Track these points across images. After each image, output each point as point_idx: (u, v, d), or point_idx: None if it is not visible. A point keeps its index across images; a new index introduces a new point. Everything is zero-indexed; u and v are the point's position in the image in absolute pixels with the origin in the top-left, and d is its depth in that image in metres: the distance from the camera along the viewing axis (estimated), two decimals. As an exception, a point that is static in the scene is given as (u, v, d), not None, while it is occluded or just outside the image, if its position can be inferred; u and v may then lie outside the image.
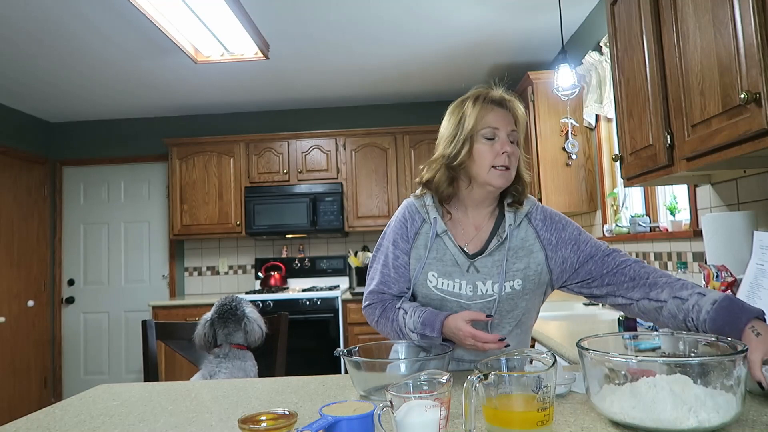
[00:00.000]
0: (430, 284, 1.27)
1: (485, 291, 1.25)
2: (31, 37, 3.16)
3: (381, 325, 1.32)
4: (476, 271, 1.26)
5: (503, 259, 1.25)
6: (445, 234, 1.28)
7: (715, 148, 1.34)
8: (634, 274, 1.20)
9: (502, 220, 1.30)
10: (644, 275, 1.19)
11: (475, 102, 1.25)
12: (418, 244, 1.30)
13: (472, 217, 1.32)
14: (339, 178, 4.50)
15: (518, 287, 1.24)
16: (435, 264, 1.27)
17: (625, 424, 0.84)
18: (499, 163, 1.23)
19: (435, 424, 0.76)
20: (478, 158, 1.23)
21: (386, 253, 1.33)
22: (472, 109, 1.24)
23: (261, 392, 1.22)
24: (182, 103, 4.63)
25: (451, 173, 1.27)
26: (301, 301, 4.01)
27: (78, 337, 4.86)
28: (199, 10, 2.72)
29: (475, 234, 1.30)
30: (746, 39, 1.17)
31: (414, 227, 1.31)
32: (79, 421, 1.06)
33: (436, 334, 1.19)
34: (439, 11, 3.07)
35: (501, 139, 1.24)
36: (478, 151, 1.23)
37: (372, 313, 1.34)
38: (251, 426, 0.75)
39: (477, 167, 1.24)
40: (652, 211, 2.64)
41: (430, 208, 1.30)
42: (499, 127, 1.24)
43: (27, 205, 4.63)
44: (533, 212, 1.31)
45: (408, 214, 1.33)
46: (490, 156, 1.23)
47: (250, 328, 1.89)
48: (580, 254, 1.25)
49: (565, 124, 3.29)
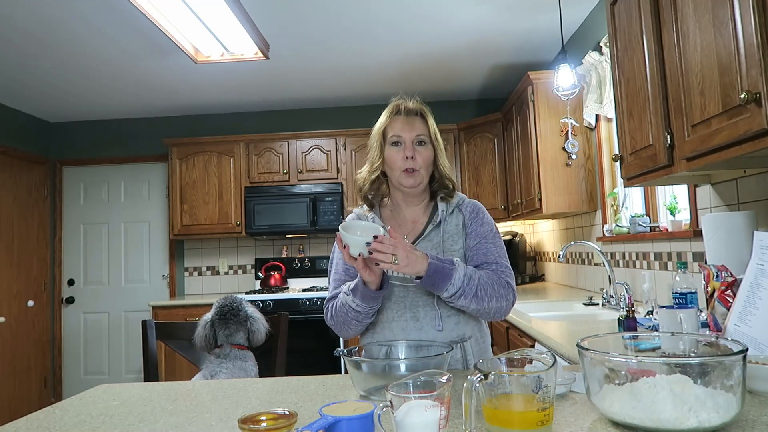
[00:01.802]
0: None
1: None
2: (31, 37, 3.16)
3: (335, 317, 1.38)
4: None
5: (440, 241, 1.40)
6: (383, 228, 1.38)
7: (715, 148, 1.34)
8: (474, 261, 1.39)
9: (437, 210, 1.45)
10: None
11: (388, 113, 1.45)
12: None
13: (407, 213, 1.48)
14: (339, 178, 4.50)
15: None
16: None
17: (625, 424, 0.84)
18: (405, 166, 1.38)
19: (435, 424, 0.76)
20: (390, 162, 1.41)
21: (336, 262, 1.47)
22: (385, 119, 1.44)
23: (261, 392, 1.22)
24: (182, 103, 4.63)
25: (375, 176, 1.45)
26: (301, 301, 4.01)
27: (78, 337, 4.86)
28: (199, 10, 2.72)
29: (412, 227, 1.46)
30: (746, 39, 1.17)
31: None
32: (79, 421, 1.06)
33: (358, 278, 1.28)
34: (439, 11, 3.08)
35: (406, 144, 1.39)
36: (389, 156, 1.41)
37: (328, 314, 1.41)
38: (251, 426, 0.75)
39: (390, 170, 1.43)
40: (652, 211, 2.64)
41: (368, 212, 1.47)
42: (402, 135, 1.40)
43: (27, 205, 4.63)
44: (464, 203, 1.47)
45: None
46: (398, 160, 1.39)
47: (256, 327, 1.89)
48: (475, 248, 1.40)
49: (565, 124, 3.29)
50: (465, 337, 1.38)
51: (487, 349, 1.46)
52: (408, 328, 1.35)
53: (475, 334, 1.41)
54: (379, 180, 1.47)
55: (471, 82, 4.40)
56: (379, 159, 1.43)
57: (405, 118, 1.42)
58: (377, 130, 1.45)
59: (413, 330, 1.35)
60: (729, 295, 1.33)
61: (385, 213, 1.50)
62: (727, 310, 1.30)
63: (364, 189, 1.47)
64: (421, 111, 1.45)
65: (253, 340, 1.89)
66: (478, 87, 4.55)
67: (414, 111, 1.44)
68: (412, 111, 1.44)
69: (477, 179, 4.36)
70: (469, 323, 1.40)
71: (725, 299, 1.34)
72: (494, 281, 1.33)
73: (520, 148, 3.73)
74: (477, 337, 1.42)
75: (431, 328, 1.35)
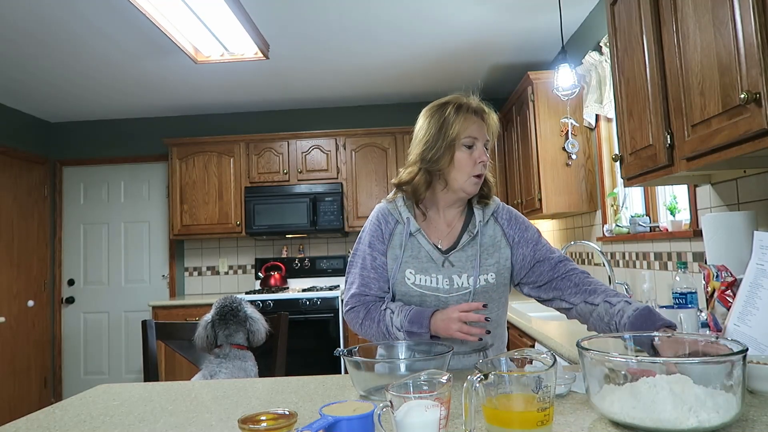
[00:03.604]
0: (408, 281, 1.33)
1: (461, 284, 1.32)
2: (31, 37, 3.16)
3: (366, 327, 1.34)
4: (451, 266, 1.33)
5: (476, 254, 1.33)
6: (418, 232, 1.34)
7: (715, 148, 1.34)
8: (578, 281, 1.32)
9: (472, 216, 1.38)
10: (587, 283, 1.31)
11: (458, 110, 1.31)
12: (393, 245, 1.36)
13: (443, 216, 1.39)
14: (339, 178, 4.50)
15: (492, 281, 1.33)
16: (411, 262, 1.34)
17: (625, 424, 0.84)
18: (476, 171, 1.31)
19: (435, 424, 0.76)
20: (459, 165, 1.30)
21: (363, 256, 1.38)
22: (456, 117, 1.30)
23: (261, 392, 1.22)
24: (182, 103, 4.63)
25: (429, 177, 1.33)
26: (301, 301, 4.01)
27: (78, 337, 4.86)
28: (199, 10, 2.72)
29: (447, 231, 1.37)
30: (746, 39, 1.17)
31: (388, 229, 1.37)
32: (79, 421, 1.06)
33: (424, 329, 1.23)
34: (439, 11, 3.08)
35: (479, 148, 1.31)
36: (459, 159, 1.30)
37: (356, 316, 1.36)
38: (251, 426, 0.75)
39: (456, 173, 1.31)
40: (652, 211, 2.64)
41: (403, 209, 1.37)
42: (478, 137, 1.31)
43: (27, 205, 4.63)
44: (499, 211, 1.40)
45: (381, 216, 1.39)
46: (469, 164, 1.30)
47: (256, 328, 1.89)
48: (536, 254, 1.36)
49: (565, 124, 3.29)
50: (487, 345, 1.37)
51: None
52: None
53: (496, 342, 1.41)
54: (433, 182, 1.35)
55: (471, 82, 4.38)
56: (449, 162, 1.29)
57: (479, 119, 1.32)
58: (444, 128, 1.29)
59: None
60: (729, 295, 1.34)
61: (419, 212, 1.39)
62: (727, 310, 1.30)
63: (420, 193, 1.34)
64: (486, 110, 1.35)
65: (252, 340, 1.90)
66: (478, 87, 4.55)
67: (482, 110, 1.34)
68: (481, 110, 1.34)
69: (477, 179, 4.35)
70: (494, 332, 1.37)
71: (725, 299, 1.34)
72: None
73: (520, 148, 3.73)
74: (498, 344, 1.42)
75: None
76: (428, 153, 1.31)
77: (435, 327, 1.23)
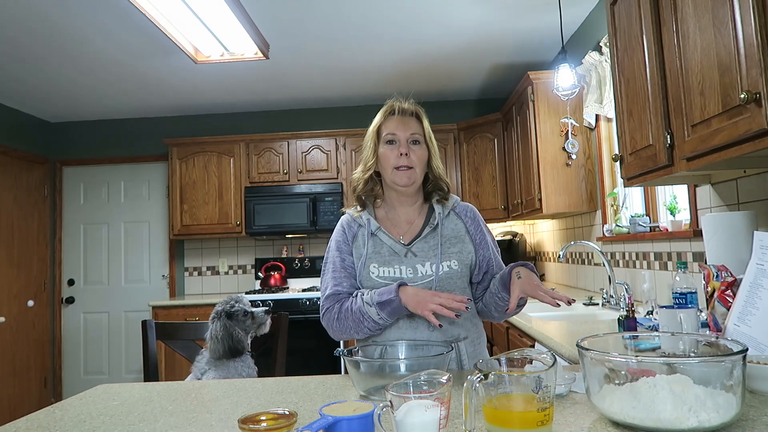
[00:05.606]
0: (373, 275, 1.39)
1: (425, 272, 1.38)
2: (31, 37, 3.16)
3: (342, 320, 1.36)
4: (414, 255, 1.39)
5: (438, 243, 1.40)
6: (379, 230, 1.42)
7: (715, 148, 1.34)
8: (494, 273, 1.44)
9: (432, 212, 1.46)
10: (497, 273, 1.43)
11: (383, 113, 1.46)
12: (357, 245, 1.44)
13: (402, 215, 1.48)
14: (339, 178, 4.50)
15: (456, 267, 1.39)
16: (374, 257, 1.40)
17: (625, 424, 0.84)
18: (398, 163, 1.39)
19: (435, 424, 0.76)
20: (383, 160, 1.42)
21: (333, 260, 1.45)
22: (380, 119, 1.46)
23: (261, 392, 1.22)
24: (182, 103, 4.63)
25: (368, 176, 1.45)
26: (301, 301, 4.01)
27: (78, 337, 4.86)
28: (199, 10, 2.72)
29: (407, 228, 1.46)
30: (746, 39, 1.17)
31: (351, 232, 1.46)
32: (79, 421, 1.06)
33: (394, 294, 1.26)
34: (439, 11, 3.08)
35: (401, 142, 1.40)
36: (382, 154, 1.42)
37: (330, 314, 1.39)
38: (251, 426, 0.75)
39: (383, 169, 1.43)
40: (652, 211, 2.64)
41: (363, 214, 1.46)
42: (397, 133, 1.41)
43: (27, 205, 4.63)
44: (458, 206, 1.49)
45: (345, 224, 1.48)
46: (392, 158, 1.40)
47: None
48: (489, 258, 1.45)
49: (565, 124, 3.29)
50: (459, 337, 1.38)
51: (482, 350, 1.46)
52: (403, 327, 1.35)
53: (470, 334, 1.41)
54: (373, 180, 1.47)
55: (471, 82, 4.40)
56: (372, 158, 1.44)
57: (400, 117, 1.44)
58: (372, 129, 1.46)
59: (408, 329, 1.35)
60: (729, 295, 1.33)
61: (380, 214, 1.49)
62: (727, 310, 1.30)
63: (357, 189, 1.47)
64: (416, 111, 1.46)
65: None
66: (478, 87, 4.55)
67: (409, 111, 1.45)
68: (407, 111, 1.45)
69: (477, 179, 4.36)
70: (464, 324, 1.40)
71: (725, 299, 1.34)
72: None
73: (520, 148, 3.73)
74: (473, 337, 1.42)
75: (425, 328, 1.35)
76: (364, 153, 1.47)
77: (405, 297, 1.26)
